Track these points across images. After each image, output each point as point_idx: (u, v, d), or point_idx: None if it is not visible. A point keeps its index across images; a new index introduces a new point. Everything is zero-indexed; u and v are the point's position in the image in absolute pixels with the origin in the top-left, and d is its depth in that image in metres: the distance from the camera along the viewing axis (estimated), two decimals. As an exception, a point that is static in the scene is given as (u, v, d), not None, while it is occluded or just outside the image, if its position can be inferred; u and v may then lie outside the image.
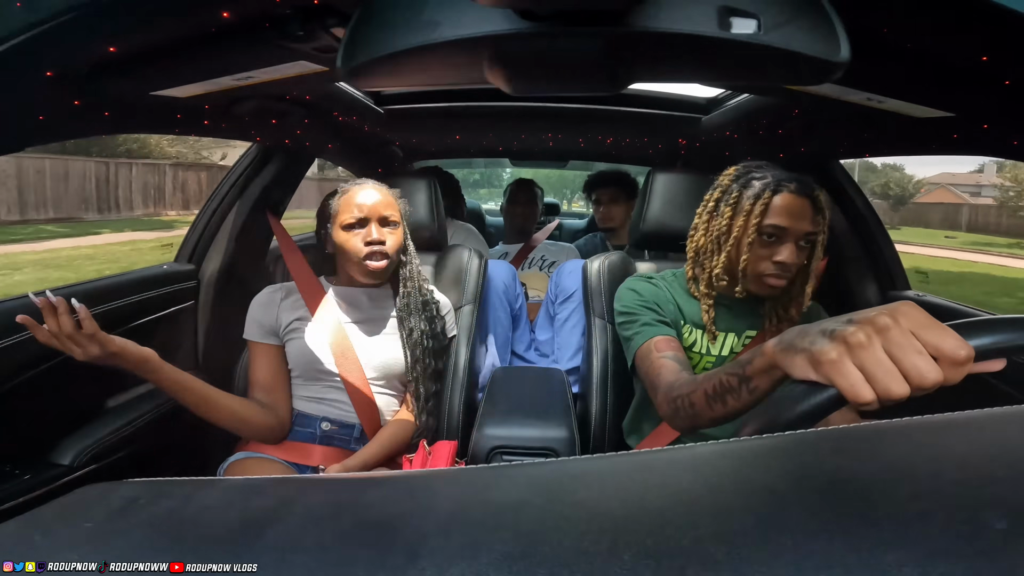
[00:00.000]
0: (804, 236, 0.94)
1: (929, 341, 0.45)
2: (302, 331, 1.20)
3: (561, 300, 1.78)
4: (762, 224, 0.94)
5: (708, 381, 0.72)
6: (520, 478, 0.33)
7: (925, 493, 0.25)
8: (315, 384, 1.19)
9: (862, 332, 0.47)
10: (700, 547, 0.23)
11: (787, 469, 0.29)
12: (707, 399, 0.72)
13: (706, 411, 0.73)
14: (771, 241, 0.94)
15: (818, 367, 0.48)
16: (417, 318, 1.24)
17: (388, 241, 1.18)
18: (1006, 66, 0.67)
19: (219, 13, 0.66)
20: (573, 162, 2.95)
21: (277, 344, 1.21)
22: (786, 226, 0.93)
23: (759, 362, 0.60)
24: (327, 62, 0.80)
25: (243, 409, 1.10)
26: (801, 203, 0.93)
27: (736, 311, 1.07)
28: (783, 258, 0.93)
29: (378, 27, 0.41)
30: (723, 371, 0.69)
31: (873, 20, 0.59)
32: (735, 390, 0.66)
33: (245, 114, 1.13)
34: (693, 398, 0.76)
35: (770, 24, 0.35)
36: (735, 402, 0.67)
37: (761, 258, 0.95)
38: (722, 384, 0.69)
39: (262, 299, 1.24)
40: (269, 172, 1.58)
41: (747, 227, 0.95)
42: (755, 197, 0.94)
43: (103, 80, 0.80)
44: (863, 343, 0.46)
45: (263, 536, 0.27)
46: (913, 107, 0.87)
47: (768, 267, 0.95)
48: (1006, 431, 0.30)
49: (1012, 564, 0.20)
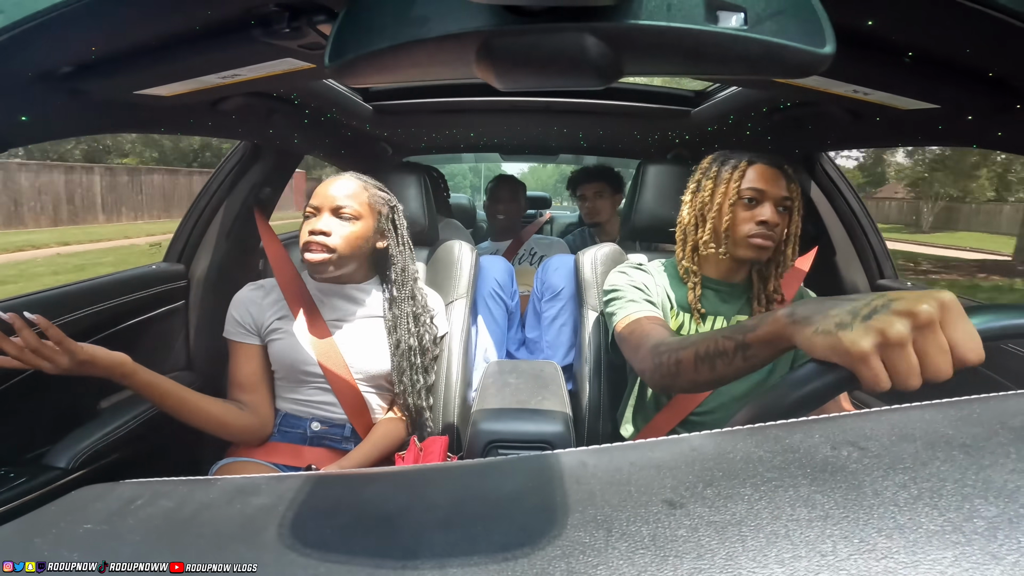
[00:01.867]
0: (780, 200, 1.03)
1: (956, 340, 0.44)
2: (285, 332, 1.15)
3: (548, 298, 1.71)
4: (741, 188, 1.03)
5: (702, 342, 0.70)
6: (516, 471, 0.33)
7: (915, 480, 0.25)
8: (301, 386, 1.16)
9: (902, 325, 0.45)
10: (696, 537, 0.23)
11: (778, 458, 0.29)
12: (696, 360, 0.71)
13: (689, 372, 0.72)
14: (751, 205, 1.03)
15: (843, 355, 0.46)
16: (406, 331, 1.18)
17: (335, 233, 1.10)
18: (989, 58, 0.68)
19: (204, 11, 0.65)
20: (564, 156, 2.94)
21: (259, 344, 1.17)
22: (763, 188, 1.02)
23: (765, 330, 0.58)
24: (314, 59, 0.79)
25: (222, 413, 1.07)
26: (774, 172, 1.03)
27: (724, 295, 1.11)
28: (765, 217, 1.01)
29: (366, 23, 0.40)
30: (720, 334, 0.67)
31: (858, 13, 0.60)
32: (728, 355, 0.65)
33: (231, 112, 1.12)
34: (681, 355, 0.74)
35: (756, 17, 0.36)
36: (724, 368, 0.66)
37: (744, 220, 1.03)
38: (716, 346, 0.67)
39: (243, 297, 1.19)
40: (257, 170, 1.57)
41: (728, 192, 1.04)
42: (732, 168, 1.05)
43: (85, 80, 0.78)
44: (902, 339, 0.45)
45: (263, 534, 0.27)
46: (898, 99, 0.87)
47: (752, 227, 1.02)
48: (994, 418, 0.31)
49: (1000, 549, 0.21)
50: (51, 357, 0.85)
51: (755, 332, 0.60)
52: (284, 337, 1.15)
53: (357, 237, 1.13)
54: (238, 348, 1.16)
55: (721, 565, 0.22)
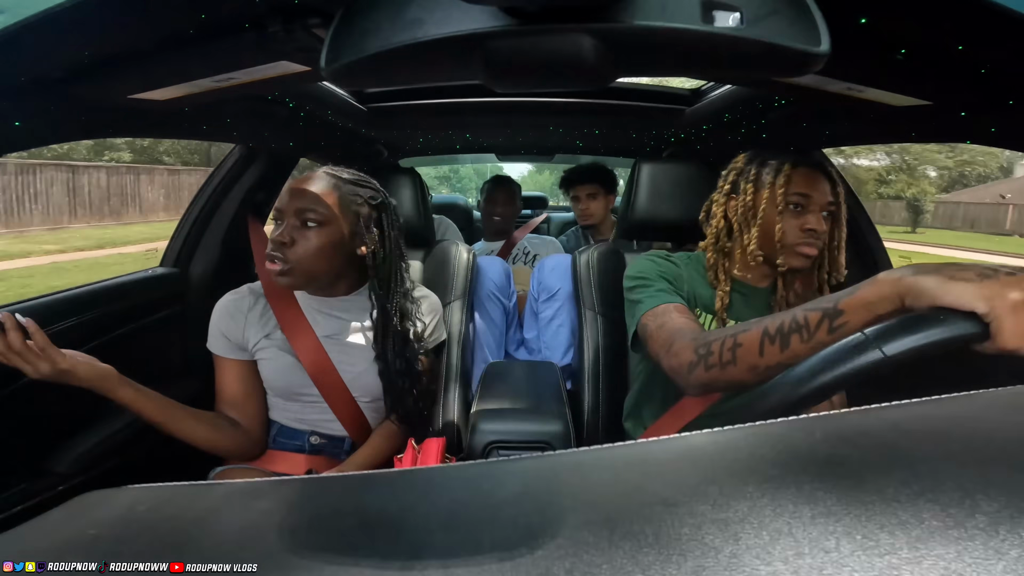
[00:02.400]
0: (826, 206, 0.98)
1: None
2: (274, 351, 1.07)
3: (544, 299, 1.71)
4: (788, 192, 0.97)
5: (773, 319, 0.66)
6: (517, 472, 0.33)
7: (916, 476, 0.26)
8: (295, 403, 1.10)
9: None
10: (699, 535, 0.23)
11: (780, 455, 0.29)
12: (763, 339, 0.65)
13: (752, 356, 0.67)
14: (797, 211, 0.97)
15: (993, 300, 0.45)
16: (392, 354, 1.08)
17: (296, 244, 0.98)
18: (980, 53, 0.69)
19: (197, 14, 0.65)
20: (560, 156, 2.95)
21: (245, 360, 1.09)
22: (810, 194, 0.97)
23: (867, 292, 0.56)
24: (310, 62, 0.79)
25: (210, 432, 1.02)
26: (817, 175, 0.98)
27: (748, 298, 1.07)
28: (812, 225, 0.96)
29: (362, 26, 0.40)
30: (798, 309, 0.63)
31: (851, 10, 0.60)
32: (808, 328, 0.60)
33: (226, 115, 1.12)
34: (741, 338, 0.68)
35: (752, 17, 0.36)
36: (798, 344, 0.61)
37: (791, 228, 0.98)
38: (795, 321, 0.62)
39: (227, 308, 1.09)
40: (253, 173, 1.57)
41: (774, 198, 0.98)
42: (776, 171, 0.98)
43: (79, 84, 0.78)
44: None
45: (266, 539, 0.27)
46: (891, 96, 0.88)
47: (799, 236, 0.97)
48: (994, 413, 0.31)
49: (1003, 544, 0.21)
50: (32, 361, 0.83)
51: (852, 296, 0.57)
52: (274, 357, 1.07)
53: (323, 247, 1.00)
54: (223, 363, 1.09)
55: (725, 563, 0.22)
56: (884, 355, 0.44)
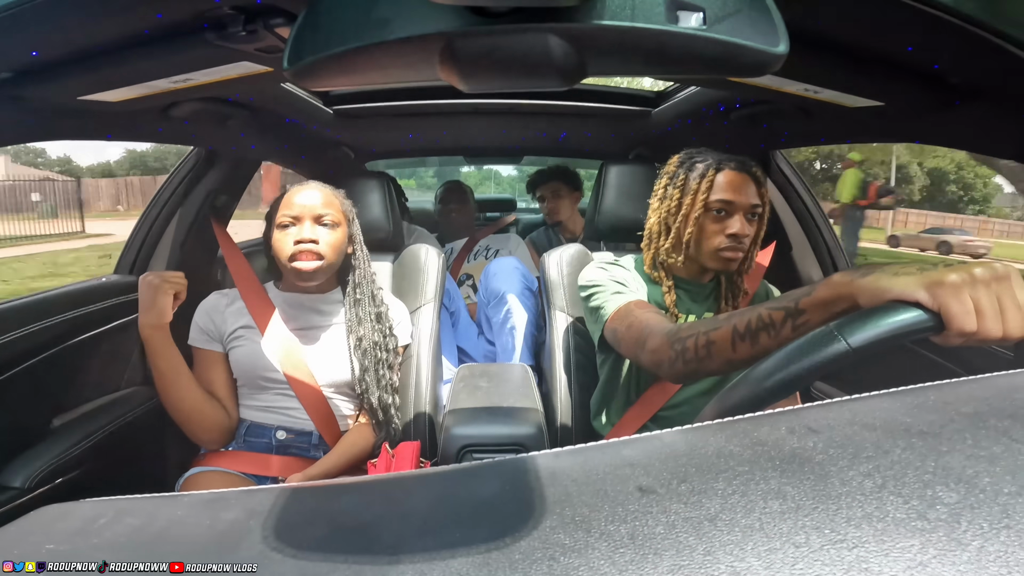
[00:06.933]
0: (750, 209, 1.00)
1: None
2: (246, 339, 1.15)
3: (493, 304, 1.73)
4: (709, 200, 1.00)
5: (740, 317, 0.68)
6: (491, 475, 0.33)
7: (878, 469, 0.26)
8: (264, 393, 1.16)
9: (986, 271, 0.48)
10: (673, 534, 0.24)
11: (748, 451, 0.30)
12: (734, 337, 0.68)
13: (726, 352, 0.69)
14: (721, 216, 1.00)
15: (933, 288, 0.47)
16: (369, 327, 1.19)
17: (322, 241, 1.12)
18: (930, 56, 0.71)
19: (152, 14, 0.63)
20: (528, 158, 2.96)
21: (221, 351, 1.17)
22: (732, 199, 0.99)
23: (823, 292, 0.58)
24: (272, 62, 0.77)
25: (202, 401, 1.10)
26: (743, 178, 1.00)
27: (694, 294, 1.11)
28: (735, 230, 0.99)
29: (326, 25, 0.39)
30: (762, 307, 0.66)
31: (807, 12, 0.62)
32: (774, 326, 0.63)
33: (184, 117, 1.08)
34: (713, 336, 0.71)
35: (714, 17, 0.36)
36: (768, 341, 0.64)
37: (714, 233, 1.01)
38: (760, 319, 0.65)
39: (208, 304, 1.20)
40: (213, 176, 1.52)
41: (695, 203, 1.01)
42: (700, 176, 1.01)
43: (25, 85, 0.75)
44: (986, 280, 0.48)
45: (236, 551, 0.26)
46: (846, 97, 0.91)
47: (722, 240, 1.00)
48: (947, 404, 0.32)
49: (965, 535, 0.22)
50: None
51: (810, 297, 0.60)
52: (245, 344, 1.15)
53: (340, 244, 1.16)
54: (201, 355, 1.17)
55: (700, 560, 0.22)
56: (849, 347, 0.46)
